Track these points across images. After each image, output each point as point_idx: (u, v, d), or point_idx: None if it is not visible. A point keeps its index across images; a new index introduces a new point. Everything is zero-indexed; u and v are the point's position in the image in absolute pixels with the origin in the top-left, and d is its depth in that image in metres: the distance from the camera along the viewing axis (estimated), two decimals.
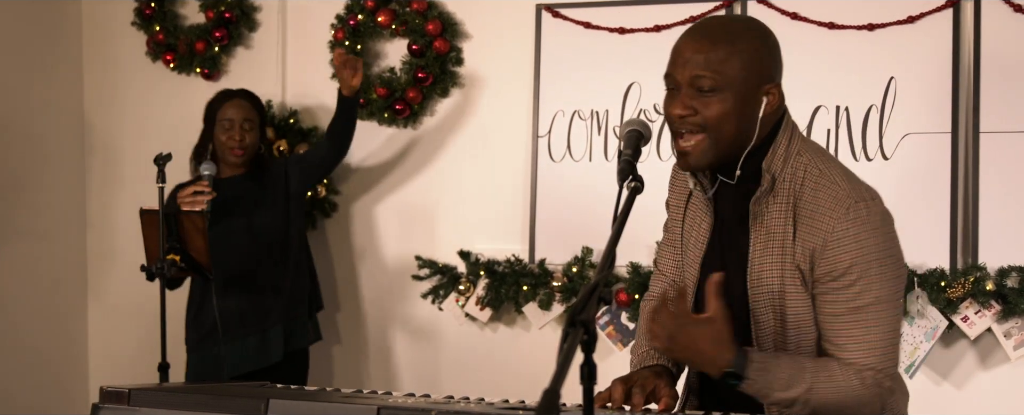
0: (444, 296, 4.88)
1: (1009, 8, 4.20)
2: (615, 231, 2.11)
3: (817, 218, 2.42)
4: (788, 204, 2.46)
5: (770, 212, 2.47)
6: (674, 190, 2.72)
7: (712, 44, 2.41)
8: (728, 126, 2.41)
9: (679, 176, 2.69)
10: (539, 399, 1.62)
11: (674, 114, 2.43)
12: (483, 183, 4.92)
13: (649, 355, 2.63)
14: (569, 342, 1.71)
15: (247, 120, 4.66)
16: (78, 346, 5.59)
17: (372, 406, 2.29)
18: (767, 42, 2.50)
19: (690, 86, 2.41)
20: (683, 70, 2.41)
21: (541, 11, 4.79)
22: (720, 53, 2.40)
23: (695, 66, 2.40)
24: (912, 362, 4.19)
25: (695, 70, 2.39)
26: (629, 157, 2.33)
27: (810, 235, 2.42)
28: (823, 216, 2.41)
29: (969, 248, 4.22)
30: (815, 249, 2.41)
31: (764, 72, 2.46)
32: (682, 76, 2.41)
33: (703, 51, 2.40)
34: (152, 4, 5.37)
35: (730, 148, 2.44)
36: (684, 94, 2.41)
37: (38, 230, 5.41)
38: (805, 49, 4.41)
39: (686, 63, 2.41)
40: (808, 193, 2.44)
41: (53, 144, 5.49)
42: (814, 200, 2.43)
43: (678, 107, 2.42)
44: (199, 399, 2.47)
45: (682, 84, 2.42)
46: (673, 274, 2.72)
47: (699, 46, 2.41)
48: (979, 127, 4.21)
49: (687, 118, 2.41)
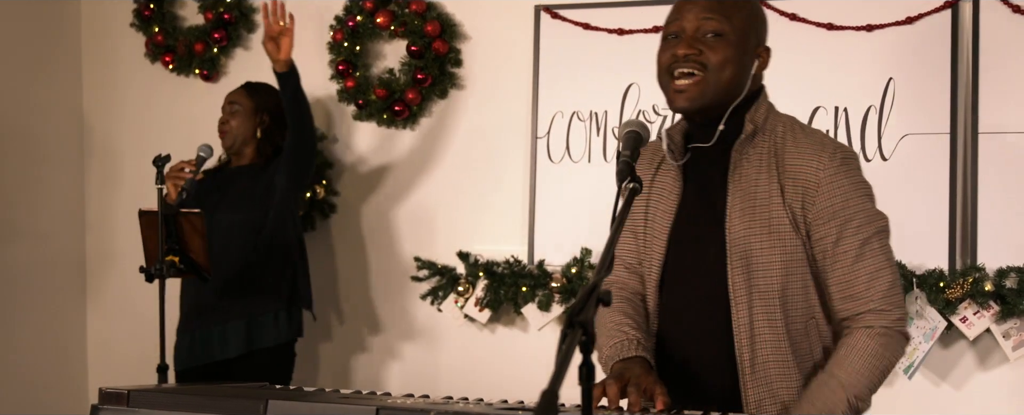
0: (443, 297, 4.88)
1: (1008, 9, 4.20)
2: (613, 232, 2.12)
3: (803, 162, 2.54)
4: (769, 154, 2.58)
5: (750, 162, 2.58)
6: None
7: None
8: (726, 72, 2.55)
9: (641, 160, 2.72)
10: (538, 400, 1.62)
11: (678, 53, 2.54)
12: (482, 184, 4.92)
13: (626, 346, 2.62)
14: (568, 343, 1.71)
15: (232, 103, 4.68)
16: (77, 347, 5.60)
17: (371, 407, 2.30)
18: (761, 9, 2.71)
19: (697, 31, 2.55)
20: (692, 16, 2.56)
21: (540, 12, 4.79)
22: (727, 4, 2.56)
23: (705, 10, 2.55)
24: (911, 363, 4.19)
25: (705, 13, 2.55)
26: (628, 158, 2.35)
27: (799, 176, 2.54)
28: (809, 160, 2.54)
29: (968, 249, 4.22)
30: (807, 189, 2.53)
31: (760, 33, 2.65)
32: (690, 22, 2.56)
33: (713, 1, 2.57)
34: (151, 5, 5.38)
35: (721, 96, 2.57)
36: (689, 37, 2.55)
37: (37, 231, 5.41)
38: (804, 50, 4.41)
39: (696, 12, 2.56)
40: (790, 143, 2.58)
41: (52, 145, 5.49)
42: (797, 148, 2.56)
43: (683, 47, 2.54)
44: (198, 400, 2.47)
45: (688, 31, 2.55)
46: (630, 257, 2.77)
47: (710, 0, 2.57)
48: (978, 128, 4.21)
49: (692, 56, 2.53)
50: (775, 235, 2.55)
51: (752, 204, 2.57)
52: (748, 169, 2.58)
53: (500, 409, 2.32)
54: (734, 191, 2.58)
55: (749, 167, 2.58)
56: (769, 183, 2.56)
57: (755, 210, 2.56)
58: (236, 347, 4.55)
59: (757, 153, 2.59)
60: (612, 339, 2.65)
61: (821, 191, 2.52)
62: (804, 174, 2.54)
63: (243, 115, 4.67)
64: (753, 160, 2.59)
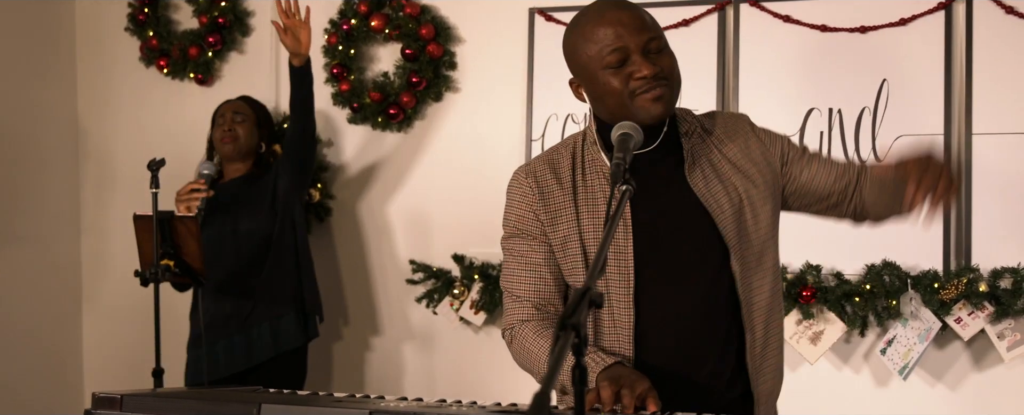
0: (438, 300, 4.88)
1: (1001, 10, 4.20)
2: (606, 234, 2.11)
3: (736, 136, 2.72)
4: (709, 141, 2.70)
5: (702, 150, 2.68)
6: (546, 194, 2.71)
7: (641, 13, 2.61)
8: (678, 77, 2.63)
9: (542, 178, 2.72)
10: (531, 401, 1.62)
11: (646, 74, 2.55)
12: (477, 187, 4.92)
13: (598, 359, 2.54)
14: (560, 345, 1.71)
15: (237, 113, 4.71)
16: (72, 351, 5.59)
17: (364, 410, 2.29)
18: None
19: (643, 48, 2.57)
20: (635, 37, 2.57)
21: (534, 15, 4.79)
22: (649, 18, 2.61)
23: (644, 30, 2.58)
24: (906, 363, 4.20)
25: (646, 33, 2.58)
26: (620, 160, 2.34)
27: (747, 148, 2.71)
28: (740, 132, 2.74)
29: (962, 250, 4.23)
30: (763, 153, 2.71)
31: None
32: (635, 42, 2.57)
33: (641, 18, 2.59)
34: (145, 9, 5.37)
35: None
36: (640, 56, 2.57)
37: (32, 235, 5.41)
38: (798, 52, 4.42)
39: (635, 30, 2.57)
40: (717, 127, 2.73)
41: (47, 149, 5.49)
42: (724, 127, 2.74)
43: (646, 67, 2.55)
44: (191, 404, 2.47)
45: (634, 50, 2.57)
46: (537, 297, 2.69)
47: (635, 15, 2.60)
48: (972, 128, 4.22)
49: (659, 74, 2.56)
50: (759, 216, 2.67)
51: (723, 188, 2.65)
52: (702, 160, 2.67)
53: (493, 411, 2.31)
54: (698, 182, 2.64)
55: (702, 158, 2.68)
56: (728, 163, 2.68)
57: (729, 192, 2.65)
58: (263, 352, 4.59)
59: (703, 142, 2.70)
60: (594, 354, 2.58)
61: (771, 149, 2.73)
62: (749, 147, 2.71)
63: (250, 125, 4.70)
64: (702, 152, 2.68)
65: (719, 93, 4.51)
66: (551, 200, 2.70)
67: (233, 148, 4.68)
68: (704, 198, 2.63)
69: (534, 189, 2.72)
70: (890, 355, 4.25)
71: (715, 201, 2.63)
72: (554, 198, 2.70)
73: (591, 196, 2.69)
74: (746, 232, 2.64)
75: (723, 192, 2.64)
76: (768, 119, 4.41)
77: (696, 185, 2.64)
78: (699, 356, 2.64)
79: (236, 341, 4.56)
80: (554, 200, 2.70)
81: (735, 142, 2.72)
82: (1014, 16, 4.19)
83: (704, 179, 2.65)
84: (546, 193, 2.71)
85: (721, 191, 2.65)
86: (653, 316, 2.63)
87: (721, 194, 2.64)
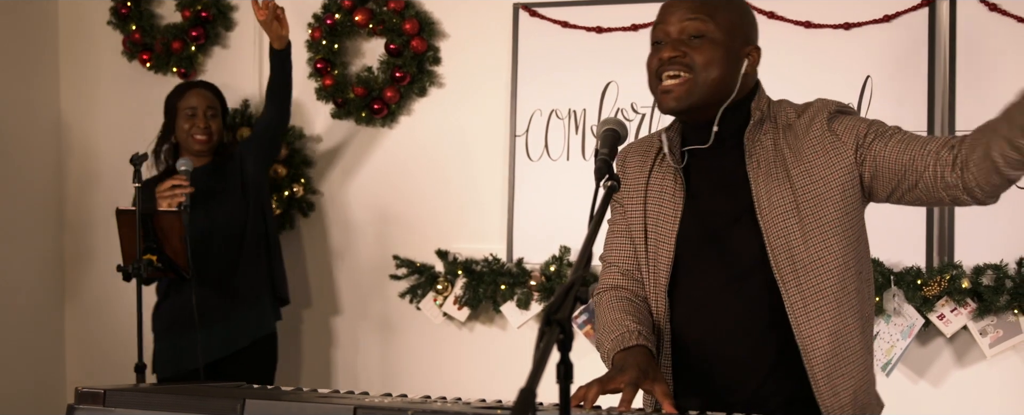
0: (422, 295, 4.87)
1: (984, 7, 4.21)
2: (591, 230, 2.11)
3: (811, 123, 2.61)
4: (780, 133, 2.61)
5: (763, 146, 2.61)
6: (627, 173, 2.77)
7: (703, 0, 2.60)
8: (713, 72, 2.56)
9: (631, 159, 2.77)
10: (515, 398, 1.62)
11: (664, 56, 2.58)
12: (461, 182, 4.91)
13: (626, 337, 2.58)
14: (545, 341, 1.71)
15: (210, 107, 4.67)
16: (54, 346, 5.57)
17: (349, 406, 2.29)
18: (748, 8, 2.72)
19: (681, 34, 2.58)
20: (675, 19, 2.60)
21: (518, 10, 4.79)
22: (710, 6, 2.59)
23: (688, 12, 2.58)
24: (889, 360, 4.21)
25: (688, 15, 2.58)
26: (606, 156, 2.34)
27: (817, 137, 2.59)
28: (815, 127, 2.60)
29: (945, 246, 4.24)
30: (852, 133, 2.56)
31: (747, 32, 2.66)
32: (673, 26, 2.59)
33: (696, 3, 2.60)
34: (128, 3, 5.35)
35: (710, 95, 2.58)
36: (673, 40, 2.58)
37: (14, 230, 5.38)
38: (782, 48, 4.42)
39: (680, 15, 2.59)
40: (801, 119, 2.63)
41: (29, 143, 5.46)
42: (807, 114, 2.63)
43: (668, 50, 2.57)
44: (175, 399, 2.46)
45: (672, 34, 2.59)
46: (626, 263, 2.75)
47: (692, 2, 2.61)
48: (955, 125, 4.23)
49: (677, 58, 2.56)
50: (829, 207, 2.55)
51: (789, 185, 2.56)
52: (764, 155, 2.60)
53: (478, 408, 2.31)
54: (759, 178, 2.58)
55: (764, 153, 2.60)
56: (786, 152, 2.59)
57: (795, 190, 2.56)
58: (243, 338, 4.60)
59: (768, 136, 2.62)
60: (612, 333, 2.62)
61: (841, 131, 2.58)
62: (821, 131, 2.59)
63: (219, 118, 4.70)
64: (766, 143, 2.61)
65: None
66: (629, 180, 2.75)
67: (202, 146, 4.64)
68: (757, 196, 2.57)
69: (622, 167, 2.77)
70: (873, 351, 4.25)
71: (768, 198, 2.56)
72: (632, 179, 2.75)
73: (659, 183, 2.71)
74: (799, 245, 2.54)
75: (787, 188, 2.56)
76: None
77: (756, 180, 2.59)
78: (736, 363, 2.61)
79: (217, 330, 4.54)
80: (631, 182, 2.75)
81: (809, 139, 2.60)
82: (997, 13, 4.20)
83: (766, 173, 2.58)
84: (629, 172, 2.76)
85: (784, 187, 2.56)
86: (687, 313, 2.65)
87: (783, 191, 2.56)
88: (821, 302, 2.54)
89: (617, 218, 2.78)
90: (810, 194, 2.55)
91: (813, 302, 2.54)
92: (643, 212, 2.71)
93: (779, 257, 2.54)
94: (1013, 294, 4.10)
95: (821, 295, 2.54)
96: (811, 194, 2.55)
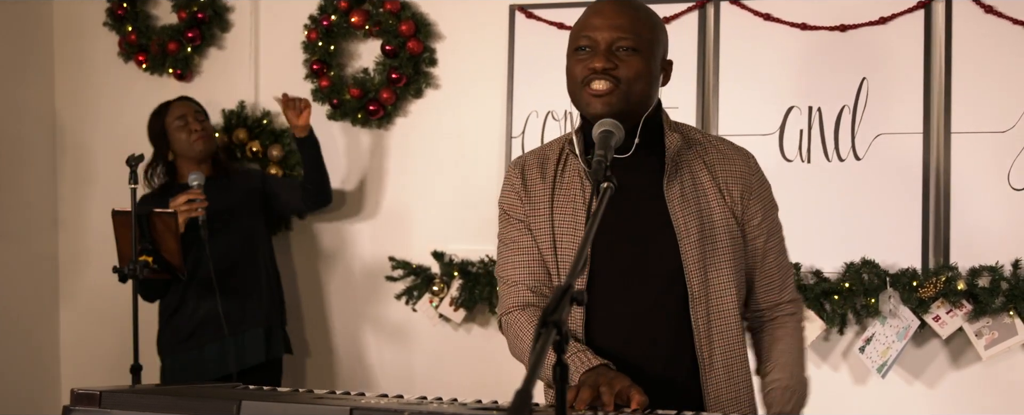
0: (418, 297, 4.87)
1: (980, 9, 4.22)
2: (587, 231, 2.11)
3: (734, 167, 2.72)
4: (699, 161, 2.70)
5: (687, 168, 2.68)
6: (529, 185, 2.77)
7: (632, 12, 2.64)
8: (639, 85, 2.61)
9: (529, 171, 2.78)
10: (511, 400, 1.61)
11: (595, 66, 2.60)
12: (457, 184, 4.91)
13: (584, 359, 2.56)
14: (541, 342, 1.71)
15: (197, 111, 4.70)
16: (50, 348, 5.56)
17: (345, 407, 2.29)
18: (662, 23, 2.75)
19: (610, 46, 2.61)
20: (605, 32, 2.61)
21: (514, 12, 4.79)
22: (637, 21, 2.62)
23: (618, 28, 2.61)
24: (884, 361, 4.21)
25: (618, 32, 2.61)
26: (601, 157, 2.34)
27: (732, 180, 2.70)
28: (739, 165, 2.73)
29: (941, 248, 4.24)
30: (743, 192, 2.69)
31: (665, 46, 2.71)
32: (603, 37, 2.61)
33: (624, 16, 2.62)
34: (124, 4, 5.35)
35: (632, 108, 2.62)
36: (604, 51, 2.61)
37: (9, 231, 5.38)
38: (778, 50, 4.43)
39: (609, 26, 2.61)
40: (710, 146, 2.73)
41: (24, 145, 5.46)
42: (719, 150, 2.74)
43: (599, 60, 2.60)
44: (171, 401, 2.46)
45: (601, 45, 2.61)
46: (531, 280, 2.74)
47: (619, 11, 2.63)
48: (951, 127, 4.23)
49: (608, 70, 2.59)
50: (724, 237, 2.67)
51: (697, 209, 2.65)
52: (685, 175, 2.67)
53: (474, 409, 2.31)
54: (674, 196, 2.65)
55: (685, 173, 2.67)
56: (712, 187, 2.68)
57: (701, 214, 2.65)
58: (255, 355, 4.63)
59: (688, 160, 2.69)
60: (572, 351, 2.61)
61: (753, 194, 2.71)
62: (738, 178, 2.70)
63: (207, 119, 4.72)
64: (688, 167, 2.68)
65: (699, 91, 4.51)
66: (532, 192, 2.75)
67: (206, 146, 4.64)
68: (673, 213, 2.64)
69: (520, 178, 2.78)
70: (869, 353, 4.26)
71: (684, 218, 2.64)
72: (535, 190, 2.75)
73: (567, 192, 2.72)
74: (710, 256, 2.65)
75: (695, 211, 2.65)
76: (748, 117, 4.44)
77: (671, 199, 2.65)
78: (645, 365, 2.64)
79: (228, 344, 4.54)
80: (535, 192, 2.75)
81: (730, 167, 2.72)
82: (993, 15, 4.21)
83: (681, 193, 2.66)
84: (529, 184, 2.76)
85: (693, 210, 2.65)
86: (602, 318, 2.67)
87: (692, 213, 2.65)
88: (721, 322, 2.68)
89: (514, 234, 2.76)
90: (715, 220, 2.67)
91: (715, 320, 2.67)
92: (550, 223, 2.71)
93: (692, 273, 2.63)
94: (1008, 296, 4.11)
95: (722, 316, 2.68)
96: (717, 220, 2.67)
